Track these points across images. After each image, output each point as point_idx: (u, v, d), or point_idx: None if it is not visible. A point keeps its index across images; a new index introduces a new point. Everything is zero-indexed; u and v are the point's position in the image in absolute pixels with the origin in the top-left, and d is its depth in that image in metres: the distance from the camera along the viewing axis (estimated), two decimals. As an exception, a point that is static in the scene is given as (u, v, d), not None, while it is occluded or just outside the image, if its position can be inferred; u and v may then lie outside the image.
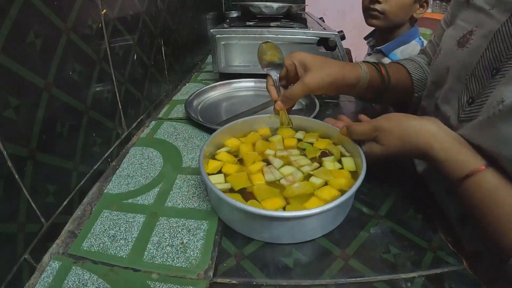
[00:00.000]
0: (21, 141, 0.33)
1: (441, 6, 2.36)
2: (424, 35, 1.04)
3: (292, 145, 0.50)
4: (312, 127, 0.53)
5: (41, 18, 0.35)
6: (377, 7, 0.91)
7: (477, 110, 0.39)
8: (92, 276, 0.34)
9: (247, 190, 0.41)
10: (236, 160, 0.47)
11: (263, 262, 0.36)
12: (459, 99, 0.44)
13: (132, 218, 0.42)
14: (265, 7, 0.91)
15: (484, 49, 0.41)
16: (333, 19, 2.08)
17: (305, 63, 0.52)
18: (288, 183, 0.42)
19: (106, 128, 0.51)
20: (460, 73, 0.45)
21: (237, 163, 0.46)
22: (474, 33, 0.44)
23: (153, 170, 0.51)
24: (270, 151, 0.48)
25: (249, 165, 0.45)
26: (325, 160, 0.46)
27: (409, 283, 0.34)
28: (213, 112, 0.71)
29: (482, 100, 0.39)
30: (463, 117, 0.42)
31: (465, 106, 0.42)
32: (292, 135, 0.52)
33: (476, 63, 0.42)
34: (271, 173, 0.43)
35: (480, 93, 0.40)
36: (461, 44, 0.46)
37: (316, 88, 0.51)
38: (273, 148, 0.48)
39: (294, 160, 0.46)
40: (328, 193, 0.40)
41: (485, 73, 0.40)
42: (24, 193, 0.34)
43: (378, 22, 0.94)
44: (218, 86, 0.80)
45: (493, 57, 0.39)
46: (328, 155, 0.47)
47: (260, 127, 0.54)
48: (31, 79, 0.34)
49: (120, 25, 0.54)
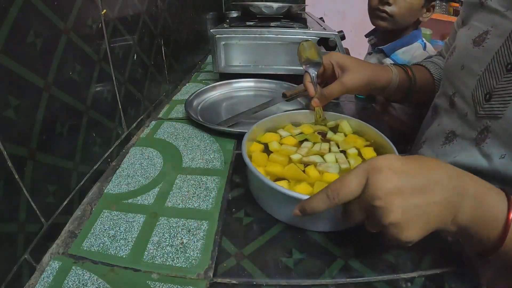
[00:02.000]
0: (21, 141, 0.33)
1: (441, 6, 2.36)
2: (424, 35, 1.04)
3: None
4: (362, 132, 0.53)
5: (41, 18, 0.35)
6: (386, 9, 0.89)
7: (501, 108, 0.40)
8: (92, 276, 0.34)
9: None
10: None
11: (263, 262, 0.36)
12: (472, 94, 0.45)
13: (132, 218, 0.42)
14: (265, 7, 0.91)
15: (499, 47, 0.43)
16: (333, 19, 2.08)
17: (343, 64, 0.55)
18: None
19: (106, 128, 0.51)
20: (474, 69, 0.46)
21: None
22: (490, 33, 0.46)
23: (153, 170, 0.51)
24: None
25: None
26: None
27: (409, 283, 0.34)
28: (213, 112, 0.71)
29: (505, 99, 0.40)
30: (483, 113, 0.43)
31: (483, 102, 0.43)
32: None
33: (491, 59, 0.43)
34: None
35: (496, 88, 0.42)
36: (477, 43, 0.47)
37: (353, 88, 0.54)
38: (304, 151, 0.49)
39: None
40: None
41: (499, 68, 0.42)
42: (24, 193, 0.34)
43: (386, 24, 0.93)
44: (218, 86, 0.80)
45: (508, 53, 0.41)
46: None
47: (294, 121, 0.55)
48: (31, 79, 0.34)
49: (120, 25, 0.54)
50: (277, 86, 0.82)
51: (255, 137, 0.50)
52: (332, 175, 0.42)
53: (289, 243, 0.38)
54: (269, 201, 0.42)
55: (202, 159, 0.54)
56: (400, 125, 0.72)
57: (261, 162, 0.44)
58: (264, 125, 0.52)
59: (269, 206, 0.42)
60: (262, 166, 0.44)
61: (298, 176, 0.42)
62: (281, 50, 0.80)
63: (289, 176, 0.43)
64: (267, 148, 0.48)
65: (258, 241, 0.39)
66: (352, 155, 0.47)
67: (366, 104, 0.77)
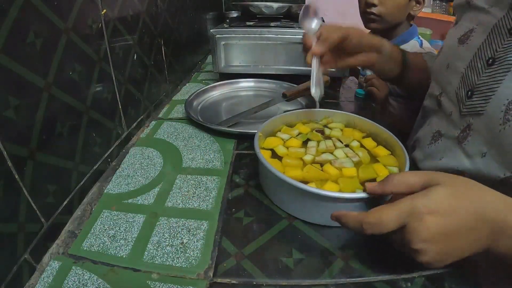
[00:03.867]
0: (21, 141, 0.33)
1: (441, 6, 2.35)
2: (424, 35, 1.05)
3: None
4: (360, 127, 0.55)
5: (41, 18, 0.35)
6: (373, 10, 0.92)
7: (482, 104, 0.40)
8: (92, 276, 0.34)
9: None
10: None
11: (263, 262, 0.36)
12: (456, 93, 0.45)
13: (132, 218, 0.42)
14: (265, 7, 0.91)
15: (481, 43, 0.42)
16: (333, 19, 2.07)
17: (348, 34, 0.53)
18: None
19: (106, 128, 0.51)
20: (458, 67, 0.46)
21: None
22: (474, 30, 0.45)
23: (153, 170, 0.51)
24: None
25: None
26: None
27: (409, 283, 0.34)
28: (213, 112, 0.71)
29: (486, 94, 0.40)
30: (466, 111, 0.43)
31: (465, 99, 0.43)
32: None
33: (473, 55, 0.43)
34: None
35: (477, 85, 0.41)
36: (462, 41, 0.47)
37: (346, 36, 0.51)
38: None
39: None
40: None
41: (480, 64, 0.42)
42: (24, 193, 0.34)
43: (377, 25, 0.95)
44: (218, 86, 0.80)
45: (489, 48, 0.41)
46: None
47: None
48: (31, 79, 0.34)
49: (120, 25, 0.54)
50: (277, 86, 0.82)
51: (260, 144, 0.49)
52: (350, 170, 0.44)
53: (289, 243, 0.38)
54: (293, 202, 0.42)
55: (202, 159, 0.54)
56: (400, 125, 0.72)
57: (277, 168, 0.41)
58: (264, 131, 0.51)
59: (292, 207, 0.42)
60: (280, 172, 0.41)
61: (320, 176, 0.43)
62: (281, 50, 0.80)
63: (311, 177, 0.43)
64: (275, 153, 0.48)
65: (258, 241, 0.39)
66: (356, 147, 0.50)
67: (366, 103, 0.77)
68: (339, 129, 0.55)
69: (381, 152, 0.48)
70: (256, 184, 0.48)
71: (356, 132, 0.54)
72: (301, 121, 0.56)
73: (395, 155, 0.47)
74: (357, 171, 0.44)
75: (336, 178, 0.43)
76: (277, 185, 0.42)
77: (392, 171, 0.44)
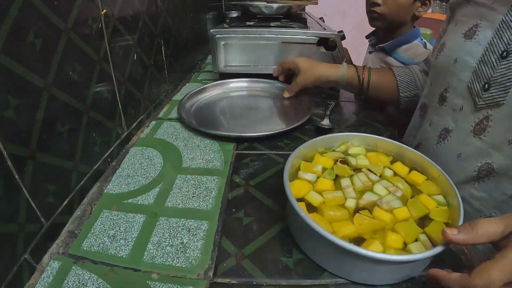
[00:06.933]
0: (21, 141, 0.33)
1: (441, 6, 2.36)
2: (424, 35, 1.05)
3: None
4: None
5: (41, 18, 0.35)
6: (376, 9, 0.93)
7: (502, 94, 0.42)
8: (92, 276, 0.34)
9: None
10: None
11: (263, 262, 0.36)
12: (469, 87, 0.46)
13: (132, 218, 0.42)
14: (265, 7, 0.91)
15: (491, 38, 0.45)
16: (333, 19, 2.08)
17: (298, 66, 0.72)
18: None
19: (106, 128, 0.51)
20: (468, 62, 0.48)
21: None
22: (479, 25, 0.48)
23: (153, 170, 0.51)
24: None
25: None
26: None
27: (409, 283, 0.34)
28: (208, 113, 0.70)
29: (505, 85, 0.42)
30: (483, 104, 0.45)
31: (481, 92, 0.45)
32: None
33: (485, 50, 0.45)
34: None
35: (494, 77, 0.43)
36: (468, 36, 0.49)
37: (304, 85, 0.72)
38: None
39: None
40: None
41: (494, 57, 0.44)
42: (24, 193, 0.34)
43: (380, 24, 0.97)
44: (210, 87, 0.79)
45: (501, 42, 0.43)
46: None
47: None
48: (31, 79, 0.34)
49: (120, 25, 0.54)
50: (270, 86, 0.82)
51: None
52: (402, 210, 0.37)
53: (289, 243, 0.38)
54: (343, 263, 0.34)
55: (202, 159, 0.54)
56: (400, 124, 0.73)
57: (322, 225, 0.33)
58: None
59: (339, 269, 0.35)
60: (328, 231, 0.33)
61: (375, 226, 0.36)
62: (281, 50, 0.80)
63: (365, 231, 0.35)
64: (309, 204, 0.39)
65: (258, 241, 0.39)
66: (392, 178, 0.43)
67: (365, 104, 0.77)
68: (363, 155, 0.47)
69: (417, 179, 0.42)
70: (256, 184, 0.48)
71: (382, 156, 0.47)
72: (317, 151, 0.48)
73: (430, 178, 0.42)
74: (408, 210, 0.38)
75: (392, 224, 0.36)
76: (326, 246, 0.33)
77: (439, 202, 0.39)
